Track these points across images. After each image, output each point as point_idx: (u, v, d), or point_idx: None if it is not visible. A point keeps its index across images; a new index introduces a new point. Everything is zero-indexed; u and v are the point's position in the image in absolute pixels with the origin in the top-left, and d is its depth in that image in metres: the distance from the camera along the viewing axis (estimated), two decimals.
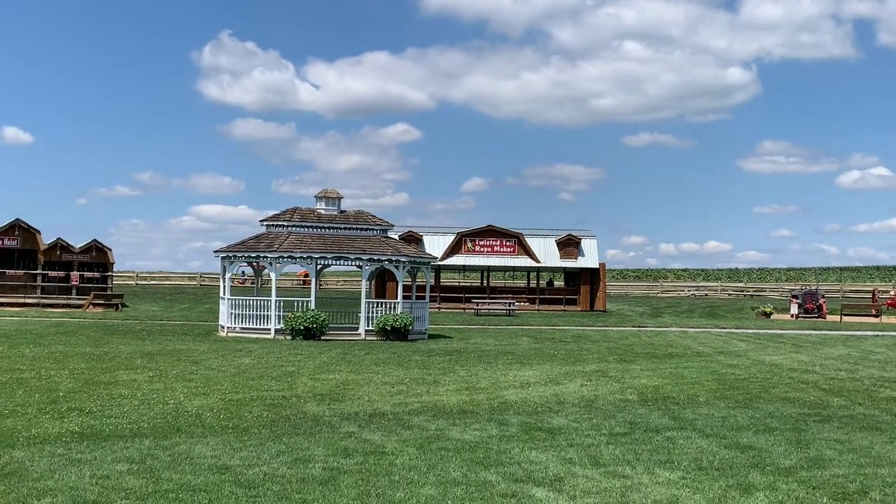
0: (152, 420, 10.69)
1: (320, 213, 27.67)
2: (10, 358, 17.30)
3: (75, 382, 13.91)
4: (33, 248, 43.04)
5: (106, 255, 44.57)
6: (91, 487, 7.19)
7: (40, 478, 7.47)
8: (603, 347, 23.94)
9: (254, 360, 18.19)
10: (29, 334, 23.73)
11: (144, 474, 7.70)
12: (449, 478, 7.92)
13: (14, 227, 42.91)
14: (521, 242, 47.74)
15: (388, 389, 14.08)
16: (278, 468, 8.09)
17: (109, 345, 21.03)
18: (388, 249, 26.71)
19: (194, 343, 22.41)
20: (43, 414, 10.90)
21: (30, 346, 19.89)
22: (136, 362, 17.18)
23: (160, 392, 13.10)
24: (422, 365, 18.05)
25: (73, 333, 24.58)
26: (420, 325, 26.68)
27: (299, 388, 13.90)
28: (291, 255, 25.77)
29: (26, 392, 12.66)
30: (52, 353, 18.66)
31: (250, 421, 10.77)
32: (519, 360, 19.55)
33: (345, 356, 19.48)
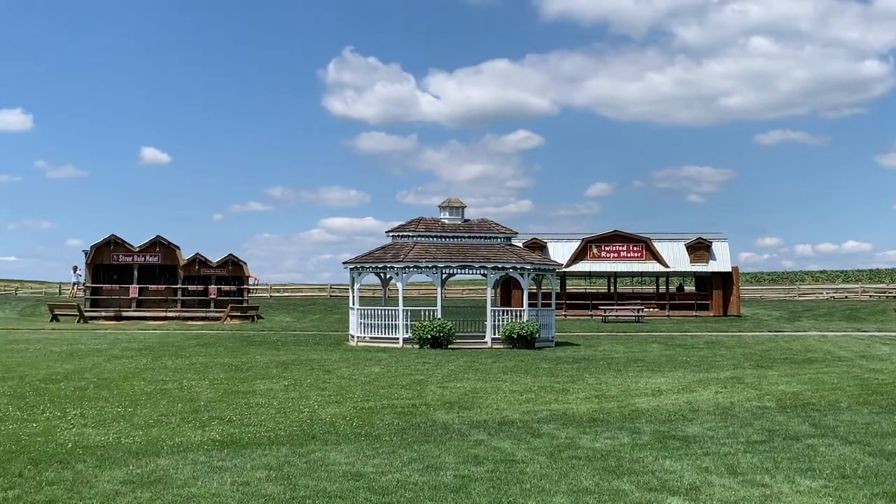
0: (288, 428, 10.97)
1: (444, 222, 27.90)
2: (154, 369, 18.08)
3: (215, 392, 14.42)
4: (173, 263, 44.91)
5: (241, 269, 46.07)
6: (232, 494, 7.43)
7: (184, 485, 7.76)
8: (738, 353, 23.27)
9: (383, 368, 18.46)
10: (171, 346, 24.75)
11: (282, 481, 7.91)
12: (581, 486, 7.84)
13: (155, 244, 44.89)
14: (649, 247, 46.93)
15: (517, 397, 14.06)
16: (410, 475, 8.17)
17: (246, 355, 21.73)
18: (512, 257, 26.70)
19: (326, 352, 22.92)
20: (185, 423, 11.33)
21: (172, 358, 20.74)
22: (271, 372, 17.69)
23: (295, 400, 13.44)
24: (550, 373, 17.95)
25: (212, 345, 25.50)
26: (546, 332, 26.55)
27: (428, 397, 14.03)
28: (417, 265, 26.06)
29: (170, 402, 13.20)
30: (193, 364, 19.40)
31: (382, 428, 10.92)
32: (650, 368, 19.21)
33: (472, 364, 19.56)
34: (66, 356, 21.01)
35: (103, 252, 44.42)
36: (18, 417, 11.53)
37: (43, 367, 18.12)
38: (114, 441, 9.91)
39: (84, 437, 10.09)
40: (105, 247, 44.48)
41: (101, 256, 44.42)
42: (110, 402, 13.13)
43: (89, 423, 11.10)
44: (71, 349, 23.15)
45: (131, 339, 28.18)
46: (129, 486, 7.62)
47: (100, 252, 44.40)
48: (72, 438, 10.01)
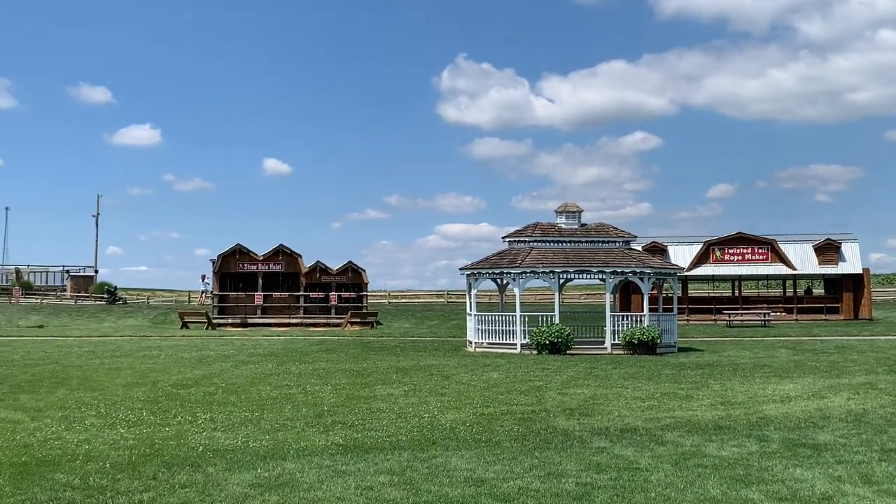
0: (409, 433, 11.07)
1: (561, 227, 27.71)
2: (279, 375, 18.53)
3: (338, 397, 14.68)
4: (296, 271, 46.02)
5: (361, 276, 46.84)
6: (356, 498, 7.54)
7: (310, 488, 7.92)
8: (870, 358, 22.31)
9: (502, 374, 18.45)
10: (294, 352, 25.34)
11: (405, 486, 7.98)
12: (708, 495, 7.64)
13: (278, 253, 46.09)
14: (775, 249, 45.50)
15: (639, 404, 13.82)
16: (532, 482, 8.13)
17: (367, 361, 22.05)
18: (631, 261, 26.31)
19: (445, 358, 23.05)
20: (310, 427, 11.56)
21: (296, 364, 21.22)
22: (391, 377, 17.90)
23: (415, 406, 13.56)
24: (673, 379, 17.59)
25: (334, 350, 25.99)
26: (668, 337, 26.04)
27: (548, 403, 13.94)
28: (534, 270, 25.95)
29: (294, 407, 13.51)
30: (316, 369, 19.81)
31: (502, 435, 10.90)
32: (777, 373, 18.60)
33: (592, 370, 19.34)
34: (195, 362, 21.76)
35: (229, 261, 45.86)
36: (152, 422, 11.98)
37: (174, 373, 18.81)
38: (242, 445, 10.19)
39: (214, 441, 10.42)
40: (231, 256, 45.91)
41: (228, 265, 45.86)
42: (238, 406, 13.53)
43: (219, 428, 11.46)
44: (200, 355, 23.97)
45: (257, 345, 28.99)
46: (258, 490, 7.82)
47: (226, 261, 45.85)
48: (202, 442, 10.35)
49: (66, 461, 9.14)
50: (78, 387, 16.10)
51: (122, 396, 14.72)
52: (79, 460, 9.18)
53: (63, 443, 10.27)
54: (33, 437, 10.67)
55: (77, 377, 17.80)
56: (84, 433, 10.97)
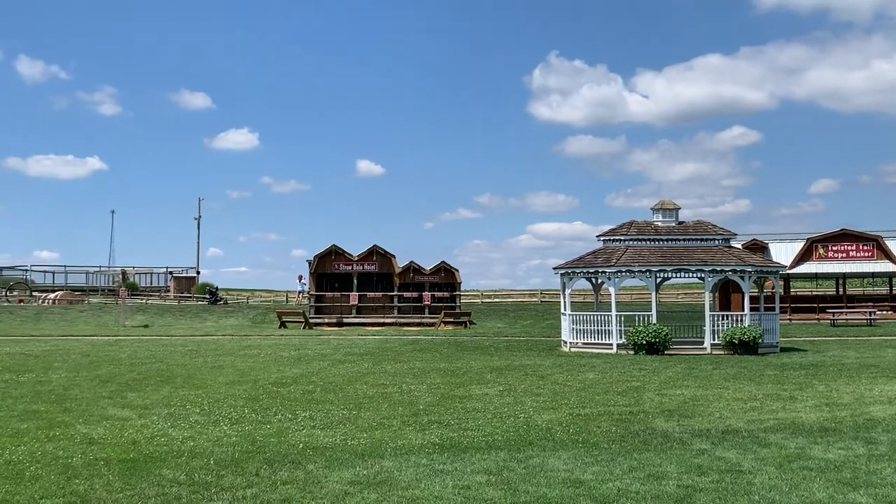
0: (505, 433, 11.05)
1: (657, 225, 27.28)
2: (375, 374, 18.73)
3: (433, 396, 14.75)
4: (389, 271, 46.46)
5: (454, 276, 47.00)
6: (454, 497, 7.56)
7: (408, 487, 7.97)
8: None
9: (598, 374, 18.26)
10: (389, 351, 25.57)
11: (502, 486, 7.96)
12: (814, 499, 7.42)
13: (372, 253, 46.60)
14: (881, 246, 43.93)
15: (740, 405, 13.51)
16: (631, 484, 8.02)
17: (461, 360, 22.11)
18: (731, 259, 25.74)
19: (539, 358, 22.94)
20: (406, 426, 11.65)
21: (391, 363, 21.42)
22: (486, 377, 17.90)
23: (510, 406, 13.53)
24: (775, 380, 17.14)
25: (428, 350, 26.14)
26: (770, 337, 25.38)
27: (646, 404, 13.74)
28: (630, 269, 25.62)
29: (391, 405, 13.63)
30: (411, 368, 19.95)
31: (599, 436, 10.79)
32: (885, 374, 17.96)
33: (691, 371, 18.99)
34: (294, 361, 22.15)
35: (325, 261, 46.57)
36: (253, 419, 12.24)
37: (274, 372, 19.19)
38: (341, 443, 10.33)
39: (313, 439, 10.58)
40: (327, 256, 46.61)
41: (324, 265, 46.58)
42: (336, 405, 13.72)
43: (318, 426, 11.64)
44: (298, 354, 24.39)
45: (353, 344, 29.36)
46: (357, 487, 7.91)
47: (322, 261, 46.57)
48: (302, 440, 10.52)
49: (172, 457, 9.40)
50: (182, 385, 16.56)
51: (225, 394, 15.08)
52: (184, 456, 9.43)
53: (169, 439, 10.56)
54: (141, 433, 11.01)
55: (181, 375, 18.31)
56: (189, 430, 11.27)
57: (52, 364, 21.03)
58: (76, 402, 14.03)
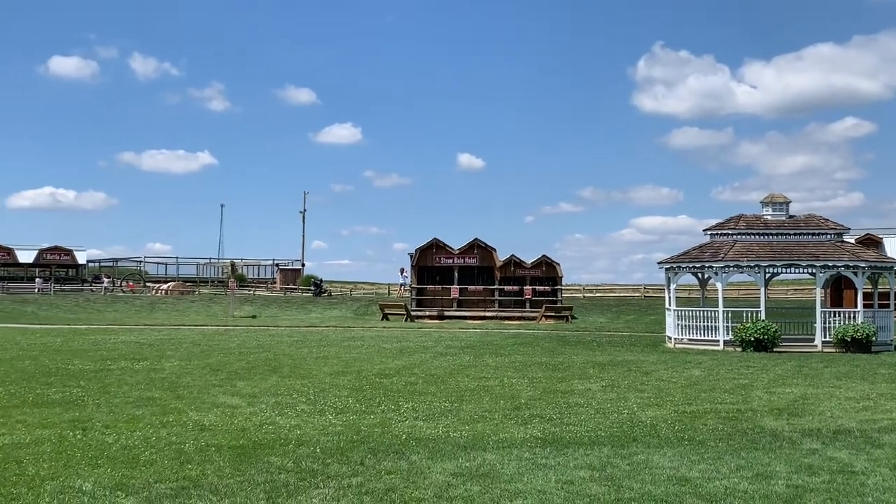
0: (608, 429, 10.94)
1: (767, 219, 26.58)
2: (476, 367, 18.78)
3: (534, 391, 14.71)
4: (490, 265, 46.52)
5: (555, 270, 46.77)
6: (557, 492, 7.52)
7: (510, 480, 7.97)
8: None
9: (704, 371, 17.91)
10: (490, 345, 25.61)
11: (606, 482, 7.89)
12: None
13: (473, 247, 46.74)
14: None
15: (853, 405, 13.07)
16: (739, 483, 7.84)
17: (563, 355, 21.98)
18: (844, 255, 24.89)
19: (642, 354, 22.64)
20: (508, 419, 11.65)
21: (492, 356, 21.45)
22: (588, 372, 17.76)
23: (613, 401, 13.39)
24: (890, 378, 16.53)
25: (529, 344, 26.08)
26: (884, 335, 24.48)
27: (754, 402, 13.41)
28: (738, 265, 25.04)
29: (492, 399, 13.65)
30: (512, 362, 19.94)
31: (705, 433, 10.59)
32: None
33: (801, 369, 18.45)
34: (396, 353, 22.40)
35: (426, 255, 46.93)
36: (358, 409, 12.43)
37: (377, 363, 19.44)
38: (443, 434, 10.40)
39: (416, 430, 10.68)
40: (428, 249, 46.97)
41: (425, 259, 46.95)
42: (438, 397, 13.81)
43: (420, 417, 11.74)
44: (400, 346, 24.65)
45: (454, 337, 29.51)
46: (460, 479, 7.95)
47: (423, 255, 46.95)
48: (405, 430, 10.63)
49: (279, 445, 9.61)
50: (289, 374, 16.93)
51: (330, 384, 15.36)
52: (291, 444, 9.64)
53: (277, 427, 10.81)
54: (250, 421, 11.30)
55: (288, 365, 18.73)
56: (295, 419, 11.52)
57: (165, 353, 21.77)
58: (188, 389, 14.49)
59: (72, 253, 78.63)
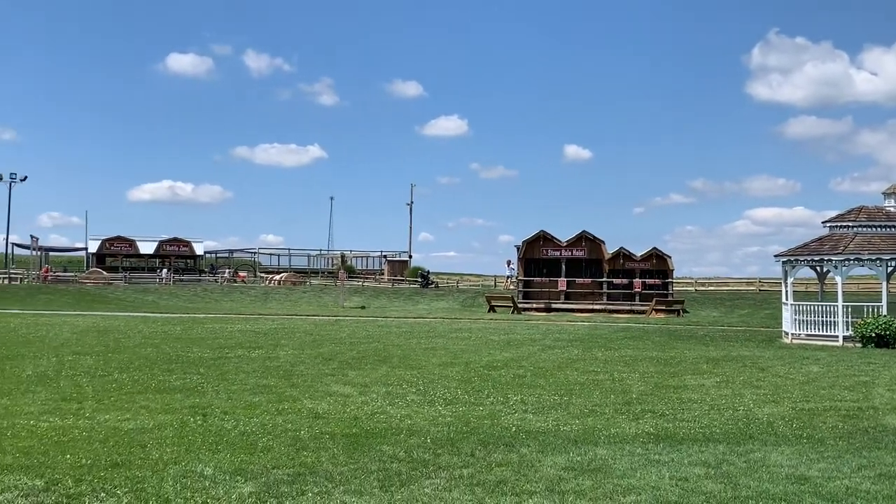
0: (723, 425, 10.71)
1: (889, 210, 25.54)
2: (585, 360, 18.63)
3: (646, 385, 14.50)
4: (598, 257, 46.05)
5: (665, 263, 45.99)
6: (671, 489, 7.40)
7: (623, 475, 7.88)
8: None
9: (822, 368, 17.34)
10: (599, 338, 25.36)
11: (722, 479, 7.72)
12: None
13: (581, 239, 46.35)
14: None
15: None
16: (861, 483, 7.57)
17: (674, 350, 21.60)
18: None
19: (757, 349, 22.07)
20: (619, 414, 11.52)
21: (601, 350, 21.23)
22: (701, 367, 17.40)
23: (728, 398, 13.09)
24: None
25: (639, 338, 25.71)
26: None
27: (876, 400, 12.92)
28: (859, 258, 24.14)
29: (602, 393, 13.52)
30: (622, 356, 19.70)
31: (825, 431, 10.26)
32: None
33: None
34: (503, 345, 22.41)
35: (533, 247, 46.78)
36: (467, 400, 12.49)
37: (485, 355, 19.49)
38: (553, 428, 10.35)
39: (525, 423, 10.67)
40: (535, 242, 46.80)
41: (532, 251, 46.80)
42: (547, 390, 13.76)
43: (529, 410, 11.72)
44: (507, 338, 24.65)
45: (561, 330, 29.33)
46: (571, 473, 7.90)
47: (530, 247, 46.82)
48: (514, 423, 10.63)
49: (391, 434, 9.74)
50: (398, 364, 17.13)
51: (439, 375, 15.47)
52: (402, 434, 9.76)
53: (388, 417, 10.96)
54: (361, 410, 11.48)
55: (397, 356, 18.95)
56: (406, 409, 11.65)
57: (280, 342, 22.30)
58: (302, 377, 14.82)
59: (190, 244, 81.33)
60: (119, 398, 12.16)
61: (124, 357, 17.75)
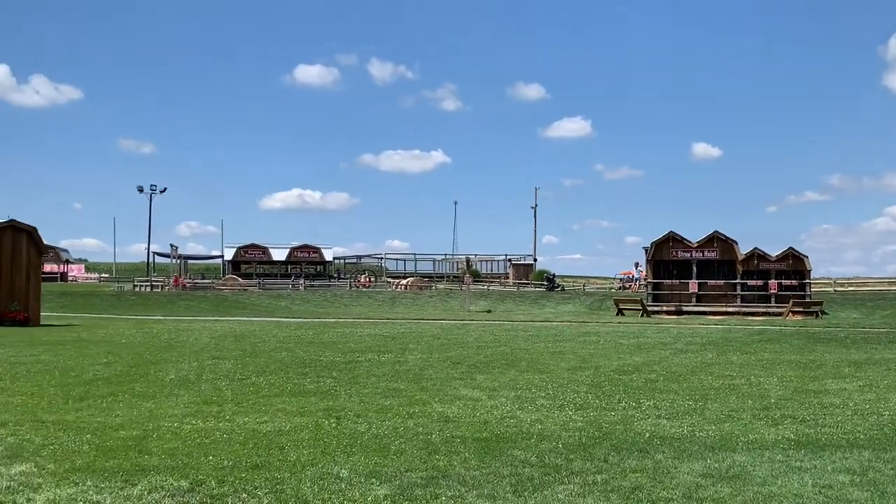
0: (868, 431, 10.25)
1: None
2: (720, 364, 18.15)
3: (784, 390, 14.02)
4: (731, 258, 44.87)
5: (802, 263, 44.44)
6: (815, 497, 7.13)
7: (763, 483, 7.63)
8: None
9: None
10: (734, 342, 24.66)
11: (868, 487, 7.39)
12: None
13: (713, 240, 45.26)
14: None
15: None
16: None
17: (814, 353, 20.82)
18: None
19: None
20: (757, 420, 11.16)
21: (736, 353, 20.64)
22: (843, 371, 16.71)
23: (872, 402, 12.53)
24: None
25: (776, 341, 24.89)
26: None
27: None
28: None
29: (739, 398, 13.13)
30: (759, 360, 19.10)
31: None
32: None
33: None
34: (633, 349, 22.06)
35: (662, 248, 45.94)
36: (597, 405, 12.34)
37: (614, 359, 19.22)
38: (688, 434, 10.11)
39: (659, 428, 10.46)
40: (664, 243, 45.95)
41: (661, 252, 45.97)
42: (680, 395, 13.46)
43: (663, 415, 11.49)
44: (637, 342, 24.25)
45: (693, 333, 28.67)
46: (709, 480, 7.70)
47: (659, 248, 45.98)
48: (648, 429, 10.44)
49: (521, 439, 9.70)
50: (526, 369, 17.08)
51: (567, 379, 15.34)
52: (533, 439, 9.71)
53: (518, 421, 10.93)
54: (491, 414, 11.48)
55: (525, 360, 18.89)
56: (535, 413, 11.59)
57: (408, 346, 22.57)
58: (431, 381, 14.94)
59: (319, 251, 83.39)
60: (257, 401, 12.53)
61: (260, 361, 18.29)
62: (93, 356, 19.01)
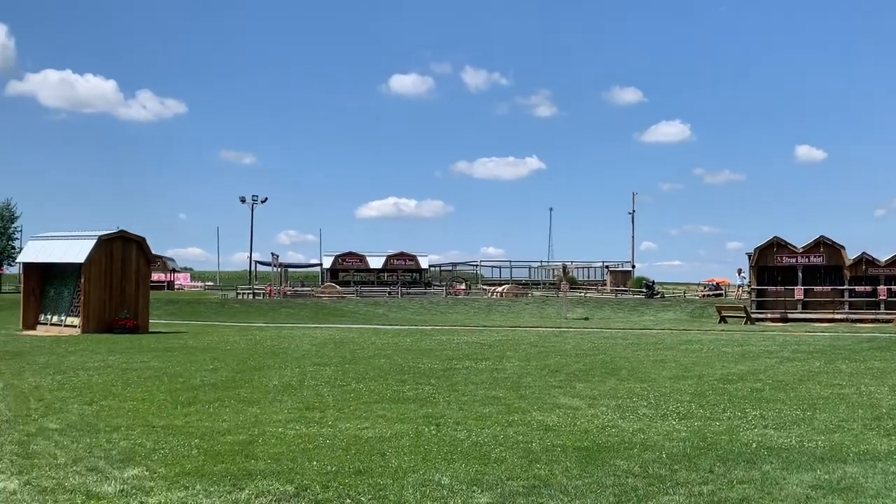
0: None
1: None
2: (828, 373, 17.58)
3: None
4: (838, 263, 43.47)
5: None
6: None
7: (876, 495, 7.37)
8: None
9: None
10: (842, 349, 23.87)
11: None
12: None
13: (819, 245, 43.92)
14: None
15: None
16: None
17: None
18: None
19: None
20: (868, 430, 10.78)
21: (846, 362, 19.97)
22: None
23: None
24: None
25: (886, 349, 24.00)
26: None
27: None
28: None
29: (848, 408, 12.70)
30: (869, 368, 18.44)
31: None
32: None
33: None
34: (737, 357, 21.54)
35: (766, 254, 44.77)
36: (701, 415, 12.09)
37: (718, 368, 18.81)
38: (796, 444, 9.83)
39: (766, 439, 10.19)
40: (768, 248, 44.77)
41: (765, 258, 44.80)
42: (787, 404, 13.09)
43: (769, 425, 11.19)
44: (742, 350, 23.68)
45: (799, 341, 27.86)
46: (819, 492, 7.47)
47: (763, 254, 44.83)
48: (754, 439, 10.18)
49: (623, 448, 9.58)
50: (627, 377, 16.85)
51: (670, 388, 15.08)
52: (635, 448, 9.57)
53: (619, 430, 10.79)
54: (591, 423, 11.37)
55: (625, 368, 18.65)
56: (637, 422, 11.42)
57: (505, 353, 22.53)
58: (529, 389, 14.88)
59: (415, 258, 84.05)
60: (357, 407, 12.68)
61: (360, 368, 18.51)
62: (199, 362, 19.56)
